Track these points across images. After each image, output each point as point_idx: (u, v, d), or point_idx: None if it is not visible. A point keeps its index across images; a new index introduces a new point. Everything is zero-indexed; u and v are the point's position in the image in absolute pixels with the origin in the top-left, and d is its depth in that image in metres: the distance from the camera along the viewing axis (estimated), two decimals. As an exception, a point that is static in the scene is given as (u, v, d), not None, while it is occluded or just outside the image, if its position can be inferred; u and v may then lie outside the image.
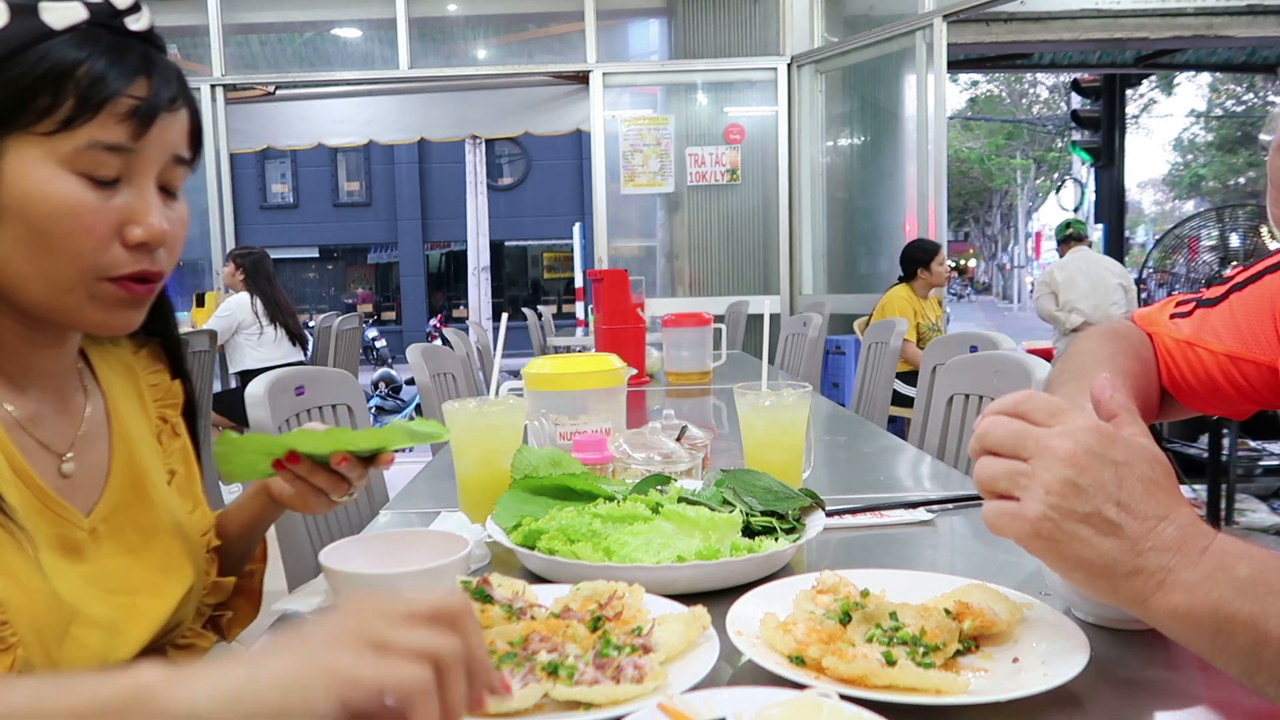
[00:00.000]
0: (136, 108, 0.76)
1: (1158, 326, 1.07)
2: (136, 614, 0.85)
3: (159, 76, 0.78)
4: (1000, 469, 0.66)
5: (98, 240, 0.76)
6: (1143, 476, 0.64)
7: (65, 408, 0.87)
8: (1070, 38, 7.83)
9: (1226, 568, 0.62)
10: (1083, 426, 0.65)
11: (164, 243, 0.80)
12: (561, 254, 20.85)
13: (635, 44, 6.94)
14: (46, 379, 0.85)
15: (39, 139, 0.74)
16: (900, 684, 0.67)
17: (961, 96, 25.82)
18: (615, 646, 0.71)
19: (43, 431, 0.83)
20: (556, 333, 6.39)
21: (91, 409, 0.89)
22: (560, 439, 1.40)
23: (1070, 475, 0.63)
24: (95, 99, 0.74)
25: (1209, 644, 0.63)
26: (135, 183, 0.78)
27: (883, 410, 3.21)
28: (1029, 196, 30.35)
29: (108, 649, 0.81)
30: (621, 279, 3.01)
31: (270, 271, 5.00)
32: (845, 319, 5.56)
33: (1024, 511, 0.64)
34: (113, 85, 0.75)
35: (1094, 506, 0.63)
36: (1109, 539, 0.63)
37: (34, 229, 0.74)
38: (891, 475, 1.70)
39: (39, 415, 0.83)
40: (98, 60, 0.75)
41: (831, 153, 6.19)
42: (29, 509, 0.78)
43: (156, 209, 0.79)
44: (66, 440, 0.85)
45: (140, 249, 0.78)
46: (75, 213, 0.75)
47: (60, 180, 0.74)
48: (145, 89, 0.77)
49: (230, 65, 6.19)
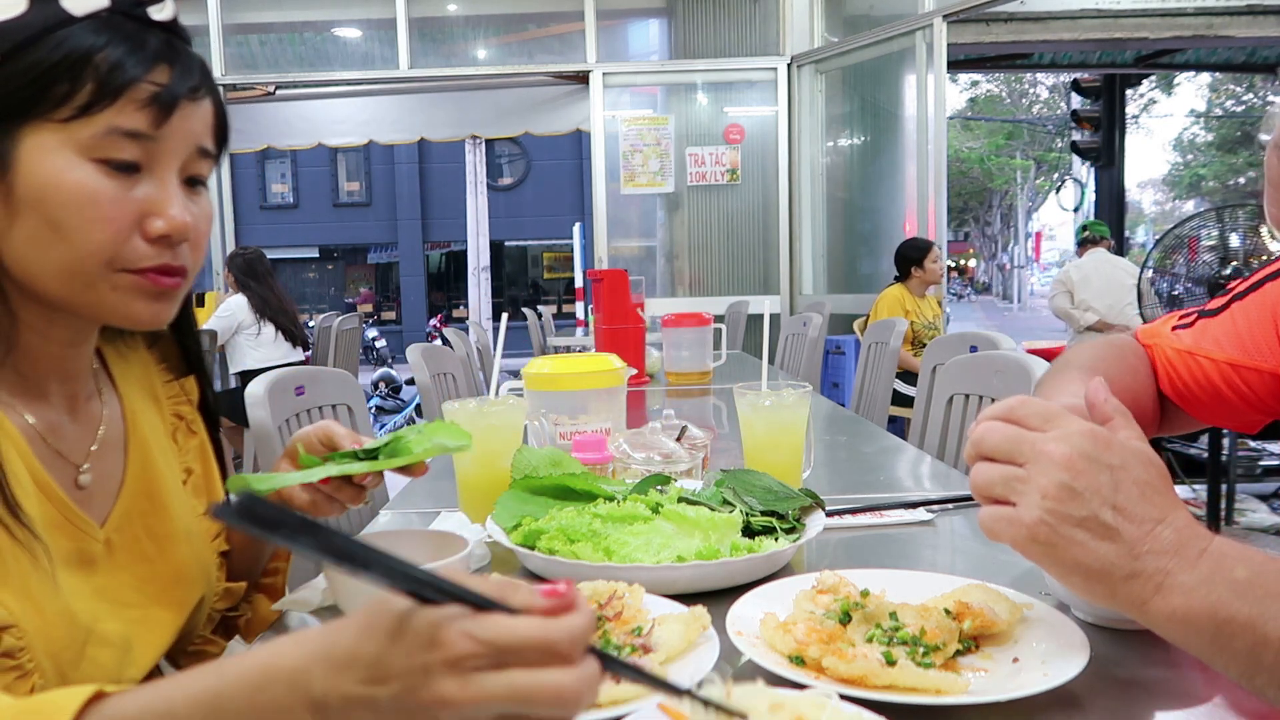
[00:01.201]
0: (157, 94, 0.74)
1: (1159, 339, 1.06)
2: (149, 628, 0.83)
3: (180, 65, 0.76)
4: (996, 474, 0.66)
5: (116, 231, 0.74)
6: (1138, 480, 0.65)
7: (82, 414, 0.85)
8: (1070, 38, 7.83)
9: (1225, 570, 0.62)
10: (1077, 431, 0.65)
11: (187, 236, 0.78)
12: (561, 254, 20.84)
13: (635, 44, 6.94)
14: (64, 383, 0.83)
15: (57, 126, 0.72)
16: (900, 684, 0.67)
17: (961, 96, 25.84)
18: (615, 646, 0.71)
19: (61, 442, 0.81)
20: (556, 333, 6.39)
21: (108, 413, 0.88)
22: (560, 439, 1.40)
23: (1066, 480, 0.63)
24: (114, 84, 0.72)
25: (1208, 647, 0.63)
26: (156, 174, 0.76)
27: (883, 410, 3.21)
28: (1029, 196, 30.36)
29: (121, 668, 0.79)
30: (621, 279, 3.01)
31: (263, 272, 5.00)
32: (845, 319, 5.56)
33: (1020, 516, 0.64)
34: (132, 71, 0.73)
35: (1090, 511, 0.63)
36: (1106, 543, 0.63)
37: (51, 219, 0.72)
38: (891, 475, 1.70)
39: (57, 425, 0.82)
40: (117, 46, 0.73)
41: (831, 153, 6.19)
42: (49, 522, 0.76)
43: (178, 201, 0.77)
44: (83, 450, 0.84)
45: (162, 242, 0.76)
46: (94, 201, 0.72)
47: (78, 169, 0.72)
48: (166, 76, 0.75)
49: (230, 65, 6.19)
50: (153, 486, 0.89)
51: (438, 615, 0.47)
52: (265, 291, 4.94)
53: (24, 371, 0.80)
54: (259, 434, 1.59)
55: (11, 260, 0.74)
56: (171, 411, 0.97)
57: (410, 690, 0.46)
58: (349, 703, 0.48)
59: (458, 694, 0.46)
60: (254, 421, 1.57)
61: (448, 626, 0.46)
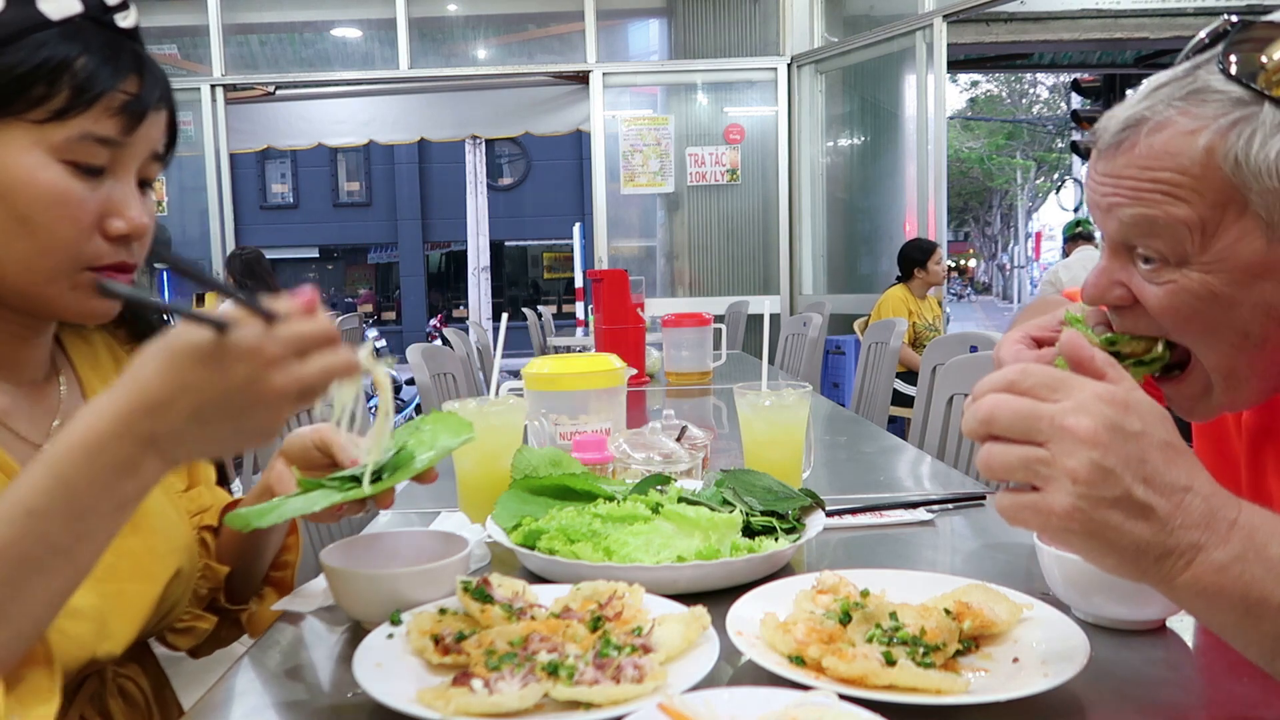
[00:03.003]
0: (128, 103, 0.78)
1: None
2: (125, 603, 0.85)
3: (149, 75, 0.81)
4: (1015, 458, 0.61)
5: (81, 230, 0.77)
6: (1161, 443, 0.60)
7: (40, 397, 0.87)
8: (1070, 38, 7.84)
9: (1258, 546, 0.60)
10: (1094, 396, 0.60)
11: (141, 236, 0.82)
12: (561, 254, 20.84)
13: (635, 44, 6.95)
14: (20, 370, 0.86)
15: (30, 126, 0.75)
16: (900, 684, 0.67)
17: (961, 96, 25.82)
18: (615, 646, 0.71)
19: (20, 424, 0.84)
20: (556, 333, 6.39)
21: (68, 394, 0.90)
22: (560, 439, 1.40)
23: (1096, 457, 0.58)
24: (91, 92, 0.76)
25: (1234, 624, 0.61)
26: (119, 176, 0.80)
27: (883, 410, 3.21)
28: (1029, 196, 30.34)
29: (97, 641, 0.81)
30: (621, 279, 3.01)
31: (262, 271, 5.04)
32: (845, 319, 5.56)
33: (1051, 505, 0.60)
34: (107, 81, 0.77)
35: (1123, 489, 0.59)
36: (1140, 522, 0.59)
37: (19, 215, 0.75)
38: (891, 475, 1.70)
39: (13, 409, 0.84)
40: (93, 55, 0.76)
41: (831, 153, 6.19)
42: None
43: (137, 202, 0.81)
44: (43, 431, 0.86)
45: (120, 240, 0.80)
46: (62, 200, 0.76)
47: (49, 168, 0.75)
48: (137, 86, 0.79)
49: (230, 65, 6.19)
50: None
51: (248, 334, 0.62)
52: (264, 290, 4.95)
53: None
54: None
55: None
56: None
57: (249, 395, 0.62)
58: (183, 429, 0.63)
59: (287, 383, 0.63)
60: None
61: (260, 340, 0.62)
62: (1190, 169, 0.72)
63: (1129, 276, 0.80)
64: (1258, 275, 0.73)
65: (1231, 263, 0.73)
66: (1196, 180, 0.72)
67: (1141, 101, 0.76)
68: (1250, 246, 0.73)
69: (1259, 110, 0.70)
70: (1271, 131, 0.70)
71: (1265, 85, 0.70)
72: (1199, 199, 0.73)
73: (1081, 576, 0.83)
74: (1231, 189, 0.72)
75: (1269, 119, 0.70)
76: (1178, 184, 0.73)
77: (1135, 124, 0.75)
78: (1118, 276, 0.80)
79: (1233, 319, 0.76)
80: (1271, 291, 0.74)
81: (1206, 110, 0.72)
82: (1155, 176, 0.74)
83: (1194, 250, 0.74)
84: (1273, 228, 0.72)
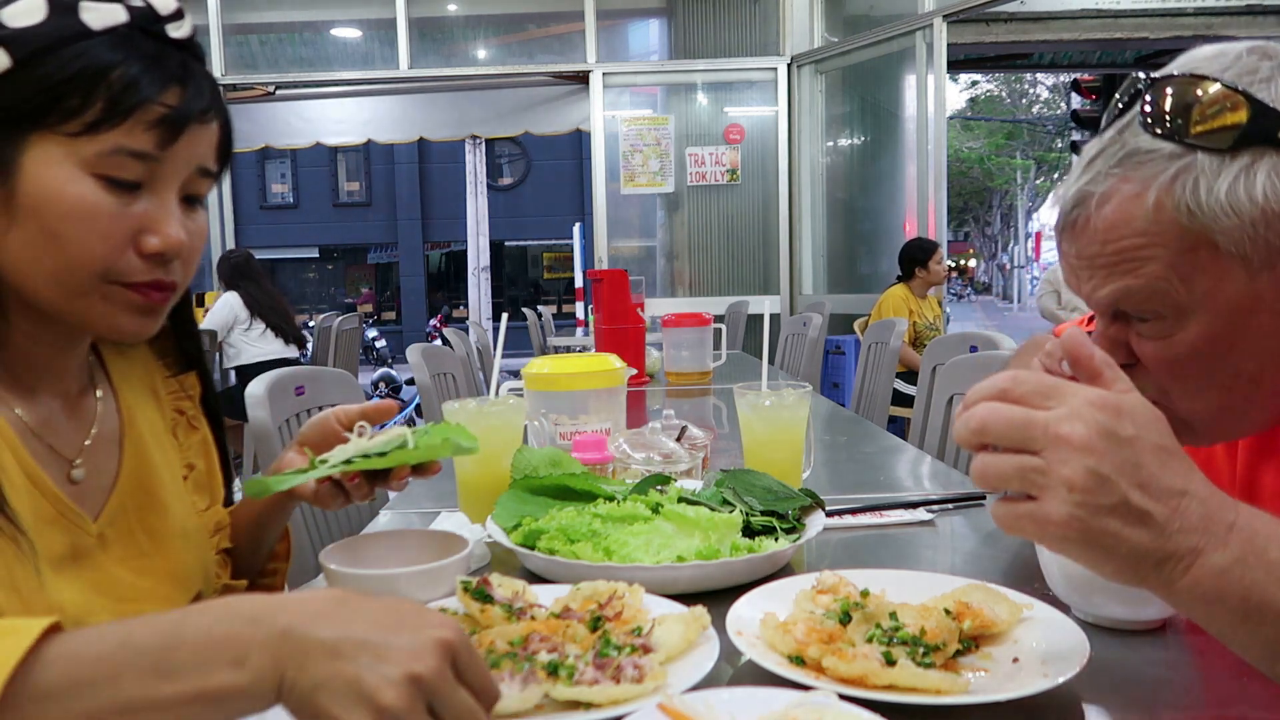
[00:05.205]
0: (166, 116, 0.75)
1: None
2: None
3: (193, 86, 0.77)
4: (1010, 467, 0.61)
5: (112, 246, 0.75)
6: (1155, 446, 0.60)
7: (76, 410, 0.86)
8: (1070, 38, 7.84)
9: (1258, 550, 0.60)
10: (1086, 402, 0.60)
11: (180, 254, 0.79)
12: (561, 254, 20.83)
13: (635, 44, 6.95)
14: (57, 380, 0.84)
15: (63, 139, 0.73)
16: (900, 684, 0.67)
17: (961, 96, 25.83)
18: (615, 646, 0.71)
19: (54, 437, 0.82)
20: (556, 333, 6.39)
21: (103, 408, 0.88)
22: (560, 439, 1.40)
23: (1091, 465, 0.58)
24: (126, 104, 0.73)
25: (1233, 628, 0.61)
26: (157, 191, 0.77)
27: (883, 410, 3.21)
28: (1029, 196, 30.34)
29: None
30: (621, 279, 3.01)
31: (253, 272, 5.07)
32: (845, 319, 5.56)
33: (1048, 514, 0.60)
34: (145, 91, 0.74)
35: (1119, 495, 0.59)
36: (1138, 528, 0.59)
37: (49, 229, 0.73)
38: (891, 475, 1.70)
39: (50, 420, 0.82)
40: (133, 65, 0.74)
41: (831, 153, 6.19)
42: (42, 518, 0.76)
43: (175, 219, 0.78)
44: (76, 445, 0.84)
45: (155, 258, 0.77)
46: (92, 216, 0.73)
47: (80, 182, 0.73)
48: (177, 98, 0.76)
49: (230, 65, 6.19)
50: (149, 482, 0.89)
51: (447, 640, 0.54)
52: (256, 290, 4.99)
53: (15, 370, 0.80)
54: (258, 434, 1.59)
55: (6, 264, 0.75)
56: (172, 407, 0.97)
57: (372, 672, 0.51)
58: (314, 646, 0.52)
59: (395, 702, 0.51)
60: (254, 421, 1.57)
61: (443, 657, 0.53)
62: (1148, 229, 0.74)
63: (1128, 336, 0.81)
64: (1250, 310, 0.74)
65: (1220, 301, 0.74)
66: (1157, 235, 0.74)
67: (1082, 176, 0.78)
68: (1233, 284, 0.74)
69: (1193, 159, 0.72)
70: (1214, 175, 0.71)
71: (1192, 137, 0.72)
72: (1165, 250, 0.74)
73: (1081, 576, 0.82)
74: (1194, 235, 0.73)
75: (1206, 165, 0.71)
76: (1141, 246, 0.74)
77: (1083, 200, 0.77)
78: (1118, 338, 0.81)
79: (1229, 363, 0.77)
80: (1267, 324, 0.75)
81: (1145, 171, 0.73)
82: (1118, 248, 0.75)
83: (1184, 295, 0.75)
84: (1248, 260, 0.72)
